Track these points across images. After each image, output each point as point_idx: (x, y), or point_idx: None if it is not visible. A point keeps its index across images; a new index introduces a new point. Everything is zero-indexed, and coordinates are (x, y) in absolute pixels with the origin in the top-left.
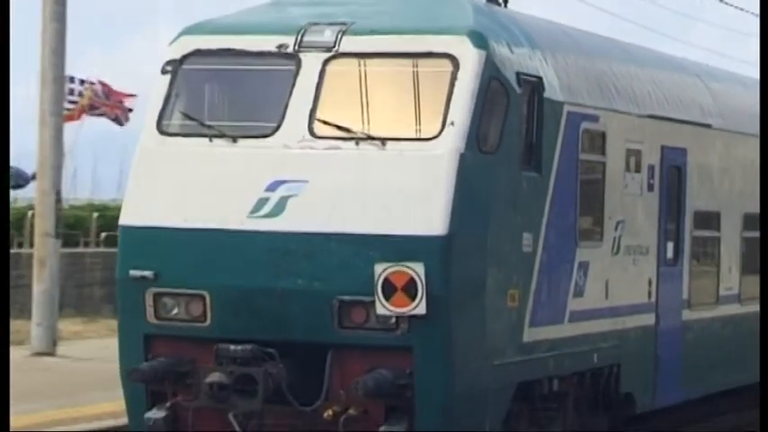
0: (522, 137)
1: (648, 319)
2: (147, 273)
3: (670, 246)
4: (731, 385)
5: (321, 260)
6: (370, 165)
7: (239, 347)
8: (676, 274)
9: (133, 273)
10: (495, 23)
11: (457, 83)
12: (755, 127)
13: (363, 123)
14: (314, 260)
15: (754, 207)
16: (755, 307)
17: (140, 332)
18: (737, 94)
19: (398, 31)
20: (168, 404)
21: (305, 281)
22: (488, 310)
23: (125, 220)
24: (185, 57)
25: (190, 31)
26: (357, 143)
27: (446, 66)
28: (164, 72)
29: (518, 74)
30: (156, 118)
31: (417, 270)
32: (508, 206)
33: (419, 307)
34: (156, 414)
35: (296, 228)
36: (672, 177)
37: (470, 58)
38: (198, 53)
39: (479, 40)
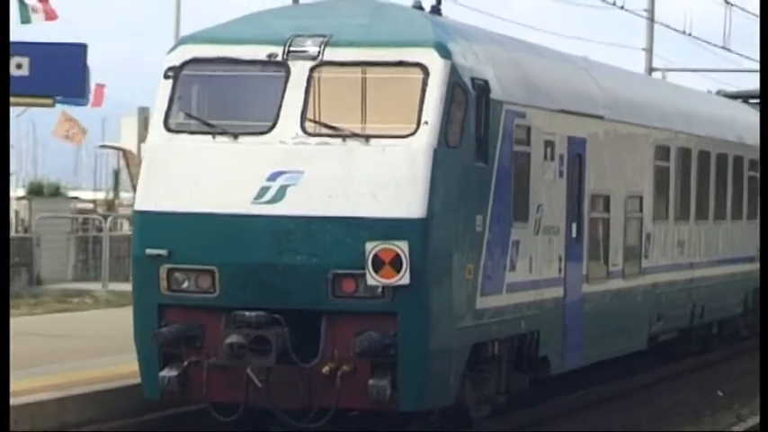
0: (475, 133)
1: (559, 292)
2: (162, 251)
3: (574, 226)
4: (620, 353)
5: (318, 239)
6: (356, 158)
7: (253, 314)
8: (578, 251)
9: (149, 251)
10: (449, 34)
11: (427, 88)
12: (636, 116)
13: (348, 122)
14: (311, 239)
15: (635, 190)
16: (635, 282)
17: (155, 302)
18: (620, 85)
19: (373, 44)
20: (186, 363)
21: (304, 257)
22: (454, 281)
23: (140, 206)
24: (185, 64)
25: (187, 40)
26: (344, 140)
27: (417, 73)
28: (166, 77)
29: (472, 79)
30: (162, 117)
31: (402, 247)
32: (466, 192)
33: (404, 278)
34: (169, 373)
35: (295, 212)
36: (574, 164)
37: (438, 67)
38: (196, 60)
39: (444, 51)
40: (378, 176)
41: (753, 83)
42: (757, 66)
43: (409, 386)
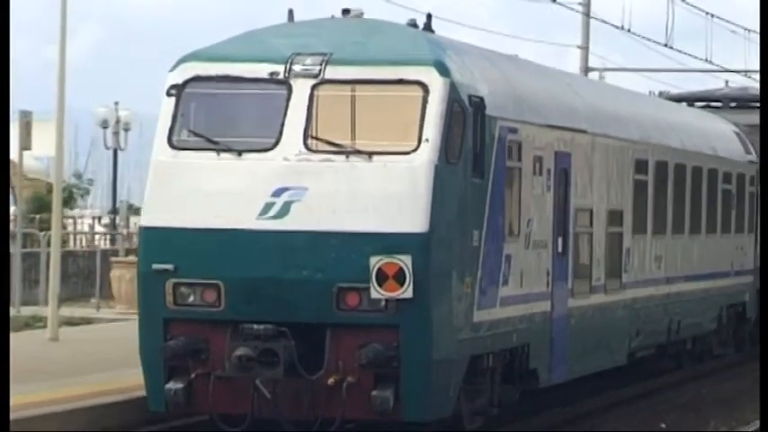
0: (471, 149)
1: (546, 306)
2: (168, 266)
3: (560, 240)
4: (602, 367)
5: (322, 254)
6: (360, 174)
7: (261, 327)
8: (564, 265)
9: (156, 266)
10: (444, 51)
11: (428, 106)
12: (616, 129)
13: (350, 139)
14: (316, 254)
15: (615, 203)
16: (616, 297)
17: (160, 316)
18: (599, 98)
19: (373, 62)
20: (193, 375)
21: (309, 272)
22: (454, 295)
23: (146, 222)
24: (187, 82)
25: (188, 58)
26: (347, 156)
27: (417, 91)
28: (168, 95)
29: (469, 96)
30: (166, 135)
31: (406, 261)
32: (465, 207)
33: (407, 291)
34: (175, 385)
35: (300, 227)
36: (561, 178)
37: (437, 85)
38: (198, 78)
39: (443, 69)
40: (381, 192)
41: (698, 84)
42: (703, 65)
43: (412, 397)
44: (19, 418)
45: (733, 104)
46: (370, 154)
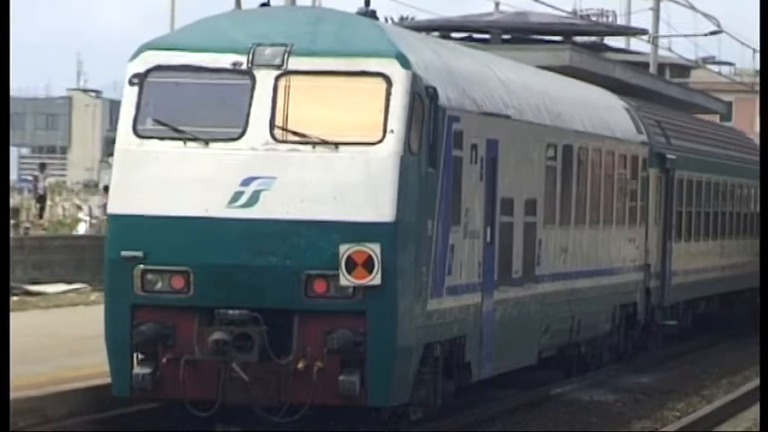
0: (428, 139)
1: (478, 298)
2: (137, 253)
3: (488, 230)
4: (518, 365)
5: (291, 242)
6: (327, 164)
7: (237, 312)
8: (492, 256)
9: (125, 253)
10: (399, 42)
11: (392, 98)
12: (532, 114)
13: (314, 129)
14: (285, 242)
15: (531, 192)
16: (531, 291)
17: (128, 303)
18: (514, 81)
19: (335, 54)
20: (164, 360)
21: (277, 259)
22: (415, 283)
23: (113, 209)
24: (149, 71)
25: (149, 47)
26: (314, 147)
27: (380, 83)
28: (131, 84)
29: (426, 87)
30: (131, 123)
31: (375, 249)
32: (423, 197)
33: (375, 279)
34: (142, 370)
35: (269, 215)
36: (490, 167)
37: (400, 78)
38: (160, 68)
39: (405, 61)
40: (348, 182)
41: (457, 7)
42: None
43: (378, 382)
44: None
45: (506, 36)
46: (337, 144)
